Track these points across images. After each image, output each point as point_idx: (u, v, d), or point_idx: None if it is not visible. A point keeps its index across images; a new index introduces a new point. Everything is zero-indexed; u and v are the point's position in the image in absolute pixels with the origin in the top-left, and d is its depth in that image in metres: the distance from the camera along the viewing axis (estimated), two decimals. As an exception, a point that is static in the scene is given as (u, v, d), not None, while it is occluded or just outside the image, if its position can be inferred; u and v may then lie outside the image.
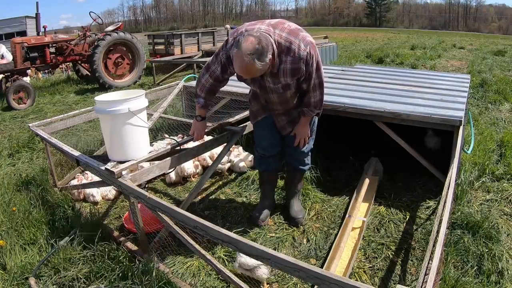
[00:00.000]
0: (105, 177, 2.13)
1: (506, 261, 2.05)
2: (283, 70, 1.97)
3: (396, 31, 30.23)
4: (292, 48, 1.91)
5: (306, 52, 1.93)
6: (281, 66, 1.96)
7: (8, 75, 6.70)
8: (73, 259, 2.11)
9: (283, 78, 2.02)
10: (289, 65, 1.95)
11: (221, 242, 1.54)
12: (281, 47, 1.92)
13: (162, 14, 52.59)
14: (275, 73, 2.00)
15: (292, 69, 1.97)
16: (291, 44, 1.91)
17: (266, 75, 2.02)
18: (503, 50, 12.31)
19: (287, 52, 1.93)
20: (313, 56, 1.97)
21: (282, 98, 2.18)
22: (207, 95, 2.26)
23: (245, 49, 1.76)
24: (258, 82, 2.12)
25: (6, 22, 15.61)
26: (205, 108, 2.33)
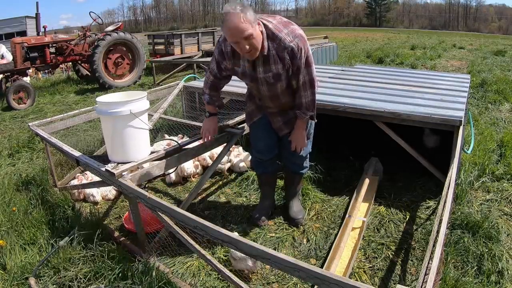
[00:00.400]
0: (105, 177, 2.13)
1: (506, 261, 2.05)
2: (272, 56, 1.97)
3: (396, 31, 30.23)
4: (279, 36, 1.92)
5: (292, 44, 1.91)
6: (270, 52, 1.96)
7: (8, 75, 6.70)
8: (73, 259, 2.11)
9: (273, 66, 2.00)
10: (275, 51, 1.95)
11: (221, 242, 1.54)
12: (269, 31, 1.93)
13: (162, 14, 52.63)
14: (266, 59, 1.98)
15: (278, 57, 1.96)
16: (278, 32, 1.93)
17: (258, 63, 2.01)
18: (503, 50, 12.30)
19: (273, 39, 1.94)
20: (301, 50, 1.94)
21: (272, 92, 2.14)
22: (210, 91, 2.32)
23: (232, 5, 1.81)
24: (250, 75, 2.09)
25: (6, 22, 15.61)
26: (212, 104, 2.35)
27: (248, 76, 2.11)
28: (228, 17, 1.80)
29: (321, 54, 9.02)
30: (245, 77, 2.14)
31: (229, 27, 1.81)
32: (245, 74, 2.11)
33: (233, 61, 2.11)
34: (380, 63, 10.06)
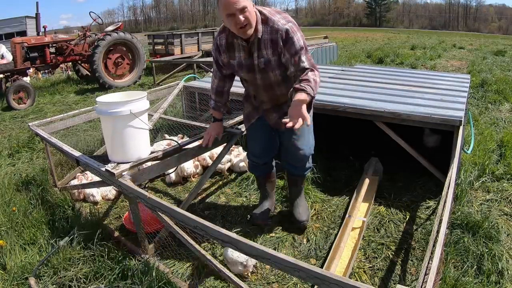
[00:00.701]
0: (105, 177, 2.13)
1: (506, 261, 2.05)
2: (264, 41, 1.96)
3: (396, 31, 30.24)
4: (272, 19, 1.93)
5: (285, 27, 1.91)
6: (263, 36, 1.95)
7: (8, 75, 6.70)
8: (73, 259, 2.11)
9: (265, 51, 1.98)
10: (268, 35, 1.94)
11: (221, 242, 1.54)
12: (263, 16, 1.95)
13: (162, 14, 52.66)
14: (259, 43, 1.97)
15: (271, 40, 1.94)
16: (271, 16, 1.95)
17: (253, 48, 1.99)
18: (503, 50, 12.31)
19: (266, 22, 1.94)
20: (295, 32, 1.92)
21: (266, 81, 2.10)
22: (216, 96, 2.33)
23: None
24: (246, 65, 2.06)
25: (6, 22, 15.62)
26: (217, 110, 2.37)
27: (245, 67, 2.08)
28: None
29: (321, 54, 9.02)
30: (241, 68, 2.11)
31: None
32: (241, 65, 2.09)
33: (228, 54, 2.10)
34: (380, 63, 10.07)
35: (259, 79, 2.11)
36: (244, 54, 2.05)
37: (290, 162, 2.37)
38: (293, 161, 2.34)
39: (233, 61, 2.11)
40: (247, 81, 2.25)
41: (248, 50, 2.02)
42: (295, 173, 2.43)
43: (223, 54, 2.12)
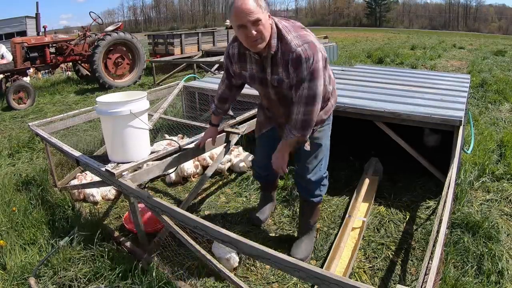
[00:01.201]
0: (105, 177, 2.13)
1: (506, 261, 2.05)
2: (278, 58, 1.78)
3: (396, 31, 30.23)
4: (287, 38, 1.73)
5: (299, 49, 1.69)
6: (277, 52, 1.76)
7: (8, 75, 6.70)
8: (73, 259, 2.11)
9: (280, 69, 1.80)
10: (280, 55, 1.76)
11: (221, 242, 1.54)
12: (278, 32, 1.75)
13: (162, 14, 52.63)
14: (275, 59, 1.79)
15: (283, 60, 1.76)
16: (287, 34, 1.74)
17: (266, 63, 1.82)
18: (503, 50, 12.31)
19: (281, 40, 1.74)
20: (308, 59, 1.69)
21: (280, 95, 1.93)
22: (218, 102, 2.23)
23: None
24: (258, 77, 1.91)
25: (6, 22, 15.61)
26: (217, 116, 2.30)
27: (257, 79, 1.93)
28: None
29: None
30: (254, 81, 1.96)
31: (237, 7, 1.62)
32: (254, 77, 1.93)
33: (239, 64, 1.95)
34: (380, 63, 10.06)
35: (272, 94, 1.95)
36: (256, 67, 1.89)
37: (302, 184, 2.20)
38: (303, 184, 2.18)
39: (245, 72, 1.96)
40: (261, 94, 2.10)
41: (261, 63, 1.85)
42: (302, 193, 2.25)
43: (234, 65, 1.98)
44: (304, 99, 1.76)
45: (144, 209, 2.44)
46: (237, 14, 1.65)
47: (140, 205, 2.15)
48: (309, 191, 2.18)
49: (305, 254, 2.17)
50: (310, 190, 2.17)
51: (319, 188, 2.18)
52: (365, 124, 3.05)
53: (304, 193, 2.23)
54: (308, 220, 2.26)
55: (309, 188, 2.17)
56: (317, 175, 2.12)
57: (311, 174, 2.10)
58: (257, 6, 1.63)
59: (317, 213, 2.31)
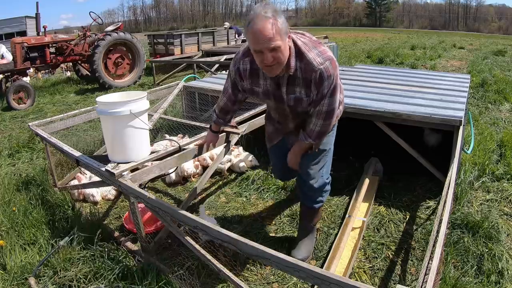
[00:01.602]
0: (105, 177, 2.13)
1: (506, 261, 2.05)
2: (297, 78, 1.74)
3: (396, 31, 30.22)
4: (308, 56, 1.68)
5: (322, 67, 1.67)
6: (297, 72, 1.72)
7: (8, 75, 6.70)
8: (73, 259, 2.11)
9: (298, 88, 1.77)
10: (302, 73, 1.72)
11: (221, 242, 1.54)
12: (297, 50, 1.70)
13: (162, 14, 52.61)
14: (293, 79, 1.75)
15: (304, 79, 1.72)
16: (308, 51, 1.69)
17: (282, 82, 1.78)
18: (503, 50, 12.31)
19: (301, 59, 1.69)
20: (330, 76, 1.69)
21: (295, 112, 1.91)
22: (220, 112, 2.18)
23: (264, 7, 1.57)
24: (274, 94, 1.85)
25: (6, 22, 15.58)
26: (217, 124, 2.27)
27: (272, 95, 1.86)
28: (257, 20, 1.55)
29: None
30: (268, 97, 1.89)
31: (255, 31, 1.56)
32: (268, 93, 1.86)
33: (251, 80, 1.87)
34: (380, 63, 10.06)
35: (287, 109, 1.91)
36: (272, 84, 1.82)
37: (302, 189, 2.19)
38: (304, 189, 2.16)
39: (258, 88, 1.88)
40: (272, 108, 2.06)
41: (277, 81, 1.80)
42: (303, 200, 2.26)
43: (245, 81, 1.89)
44: (323, 114, 1.81)
45: (144, 209, 2.43)
46: (254, 38, 1.59)
47: (140, 205, 2.14)
48: (311, 197, 2.17)
49: (305, 254, 2.16)
50: (311, 196, 2.17)
51: (321, 195, 2.17)
52: (365, 124, 3.05)
53: (305, 199, 2.22)
54: (308, 223, 2.27)
55: (311, 195, 2.16)
56: (320, 181, 2.10)
57: (314, 180, 2.07)
58: (276, 32, 1.56)
59: (318, 216, 2.32)
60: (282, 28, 1.57)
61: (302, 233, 2.27)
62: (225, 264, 2.02)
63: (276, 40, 1.56)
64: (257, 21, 1.55)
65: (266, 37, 1.55)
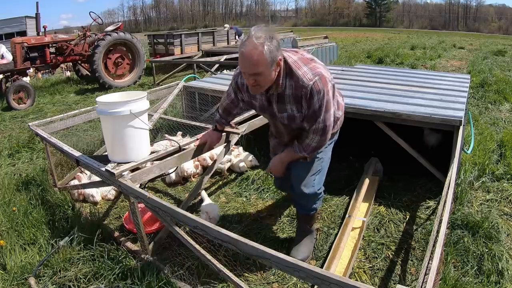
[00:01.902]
0: (105, 177, 2.13)
1: (506, 261, 2.05)
2: (288, 95, 1.80)
3: (396, 31, 30.24)
4: (298, 73, 1.74)
5: (311, 83, 1.71)
6: (286, 91, 1.78)
7: (8, 75, 6.70)
8: (73, 259, 2.11)
9: (289, 106, 1.83)
10: (293, 90, 1.77)
11: (221, 242, 1.54)
12: (288, 68, 1.76)
13: (162, 14, 52.66)
14: (281, 97, 1.82)
15: (294, 96, 1.78)
16: (298, 69, 1.75)
17: (273, 100, 1.85)
18: (503, 50, 12.31)
19: (291, 76, 1.76)
20: (320, 91, 1.73)
21: (289, 128, 1.97)
22: (223, 113, 2.26)
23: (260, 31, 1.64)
24: (268, 109, 1.93)
25: (6, 22, 15.58)
26: (220, 124, 2.33)
27: (267, 110, 1.95)
28: (248, 44, 1.63)
29: (321, 54, 9.02)
30: (264, 112, 1.99)
31: (242, 54, 1.65)
32: (264, 108, 1.95)
33: (248, 94, 1.96)
34: (380, 63, 10.07)
35: (281, 126, 1.99)
36: (265, 100, 1.90)
37: (294, 197, 2.19)
38: (296, 197, 2.16)
39: (255, 102, 1.97)
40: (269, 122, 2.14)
41: (268, 99, 1.88)
42: (297, 208, 2.27)
43: (244, 94, 2.00)
44: (320, 131, 1.85)
45: (144, 209, 2.43)
46: (241, 60, 1.68)
47: (140, 205, 2.15)
48: (304, 205, 2.16)
49: (305, 254, 2.16)
50: (304, 205, 2.15)
51: (314, 202, 2.14)
52: (365, 124, 3.05)
53: (298, 207, 2.23)
54: (306, 226, 2.27)
55: (303, 203, 2.14)
56: (311, 190, 2.05)
57: (305, 188, 2.03)
58: (261, 61, 1.62)
59: (314, 219, 2.31)
60: (269, 56, 1.63)
61: (301, 234, 2.27)
62: (225, 264, 2.03)
63: (259, 68, 1.64)
64: (247, 45, 1.63)
65: (251, 62, 1.63)
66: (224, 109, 2.22)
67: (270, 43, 1.63)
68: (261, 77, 1.68)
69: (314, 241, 2.29)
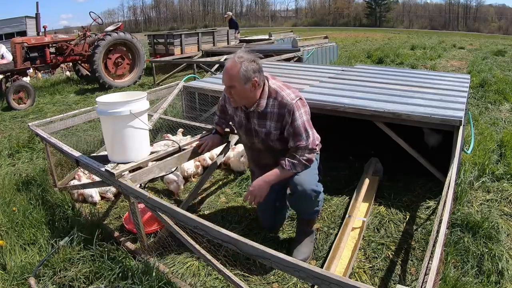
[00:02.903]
0: (105, 177, 2.13)
1: (506, 261, 2.05)
2: (270, 113, 2.02)
3: (396, 31, 30.22)
4: (281, 93, 2.00)
5: (293, 101, 1.96)
6: (268, 109, 2.02)
7: (8, 75, 6.70)
8: (73, 259, 2.11)
9: (268, 122, 2.04)
10: (276, 109, 2.00)
11: (221, 242, 1.54)
12: (271, 90, 2.02)
13: (162, 14, 52.60)
14: (263, 114, 2.03)
15: (278, 114, 2.00)
16: (281, 90, 2.01)
17: (252, 115, 2.07)
18: (503, 50, 12.30)
19: (275, 97, 2.00)
20: (301, 109, 1.98)
21: (266, 144, 2.12)
22: (221, 113, 2.42)
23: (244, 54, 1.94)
24: (244, 125, 2.14)
25: (6, 22, 15.58)
26: (220, 126, 2.45)
27: (243, 127, 2.16)
28: (230, 60, 1.94)
29: (321, 54, 9.01)
30: (241, 128, 2.20)
31: (225, 66, 1.95)
32: (241, 125, 2.17)
33: (233, 109, 2.19)
34: (380, 63, 10.06)
35: (257, 143, 2.15)
36: (244, 117, 2.13)
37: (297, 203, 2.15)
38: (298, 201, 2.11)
39: (236, 117, 2.20)
40: (244, 144, 2.31)
41: (247, 115, 2.10)
42: (301, 215, 2.24)
43: (229, 107, 2.23)
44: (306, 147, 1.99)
45: (144, 209, 2.44)
46: (223, 73, 1.98)
47: (140, 205, 2.15)
48: (307, 210, 2.15)
49: (305, 255, 2.16)
50: (307, 209, 2.14)
51: (316, 205, 2.13)
52: (365, 124, 3.05)
53: (302, 213, 2.21)
54: (306, 228, 2.27)
55: (306, 208, 2.13)
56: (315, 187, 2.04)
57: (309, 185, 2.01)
58: (235, 74, 1.91)
59: (315, 222, 2.33)
60: (242, 74, 1.90)
61: (301, 235, 2.26)
62: (225, 264, 2.03)
63: (234, 81, 1.93)
64: (229, 61, 1.95)
65: (228, 75, 1.94)
66: (221, 110, 2.39)
67: (249, 64, 1.91)
68: (235, 90, 1.95)
69: (314, 241, 2.30)
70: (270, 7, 52.57)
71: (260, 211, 2.41)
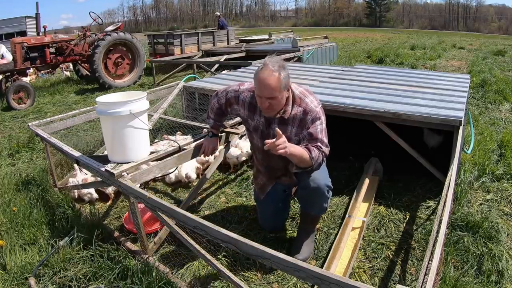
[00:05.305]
0: (105, 177, 2.13)
1: (506, 261, 2.05)
2: (292, 118, 2.01)
3: (396, 31, 30.20)
4: (306, 100, 2.01)
5: (318, 108, 2.00)
6: (291, 115, 2.01)
7: (8, 75, 6.70)
8: (73, 259, 2.11)
9: (290, 127, 2.03)
10: (299, 115, 2.00)
11: (221, 242, 1.54)
12: (296, 96, 2.02)
13: (162, 14, 52.58)
14: (285, 120, 2.01)
15: (300, 120, 2.00)
16: (305, 96, 2.02)
17: (274, 122, 2.04)
18: (503, 50, 12.30)
19: (300, 103, 2.01)
20: (321, 117, 2.01)
21: None
22: (216, 116, 2.38)
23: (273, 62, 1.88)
24: (262, 131, 2.11)
25: (6, 22, 15.58)
26: (216, 128, 2.44)
27: (260, 132, 2.12)
28: (265, 71, 1.86)
29: (321, 54, 9.01)
30: (256, 132, 2.15)
31: (260, 80, 1.87)
32: (257, 129, 2.13)
33: (248, 113, 2.15)
34: (380, 63, 10.06)
35: None
36: (263, 121, 2.09)
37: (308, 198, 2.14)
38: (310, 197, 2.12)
39: (251, 121, 2.15)
40: (256, 148, 2.23)
41: (268, 121, 2.07)
42: (310, 211, 2.20)
43: (243, 110, 2.17)
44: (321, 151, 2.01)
45: (144, 209, 2.44)
46: (258, 85, 1.91)
47: (140, 205, 2.15)
48: (318, 204, 2.13)
49: (305, 255, 2.16)
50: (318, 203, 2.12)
51: (326, 200, 2.13)
52: (365, 124, 3.05)
53: (312, 207, 2.17)
54: (309, 227, 2.27)
55: (318, 201, 2.11)
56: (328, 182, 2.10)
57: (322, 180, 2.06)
58: (278, 85, 1.87)
59: (319, 221, 2.35)
60: (283, 83, 1.88)
61: (303, 234, 2.26)
62: (225, 264, 2.03)
63: (275, 92, 1.88)
64: (265, 72, 1.87)
65: (268, 87, 1.86)
66: (216, 112, 2.35)
67: (284, 71, 1.89)
68: (275, 101, 1.91)
69: (314, 241, 2.29)
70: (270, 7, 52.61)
71: (261, 211, 2.42)
